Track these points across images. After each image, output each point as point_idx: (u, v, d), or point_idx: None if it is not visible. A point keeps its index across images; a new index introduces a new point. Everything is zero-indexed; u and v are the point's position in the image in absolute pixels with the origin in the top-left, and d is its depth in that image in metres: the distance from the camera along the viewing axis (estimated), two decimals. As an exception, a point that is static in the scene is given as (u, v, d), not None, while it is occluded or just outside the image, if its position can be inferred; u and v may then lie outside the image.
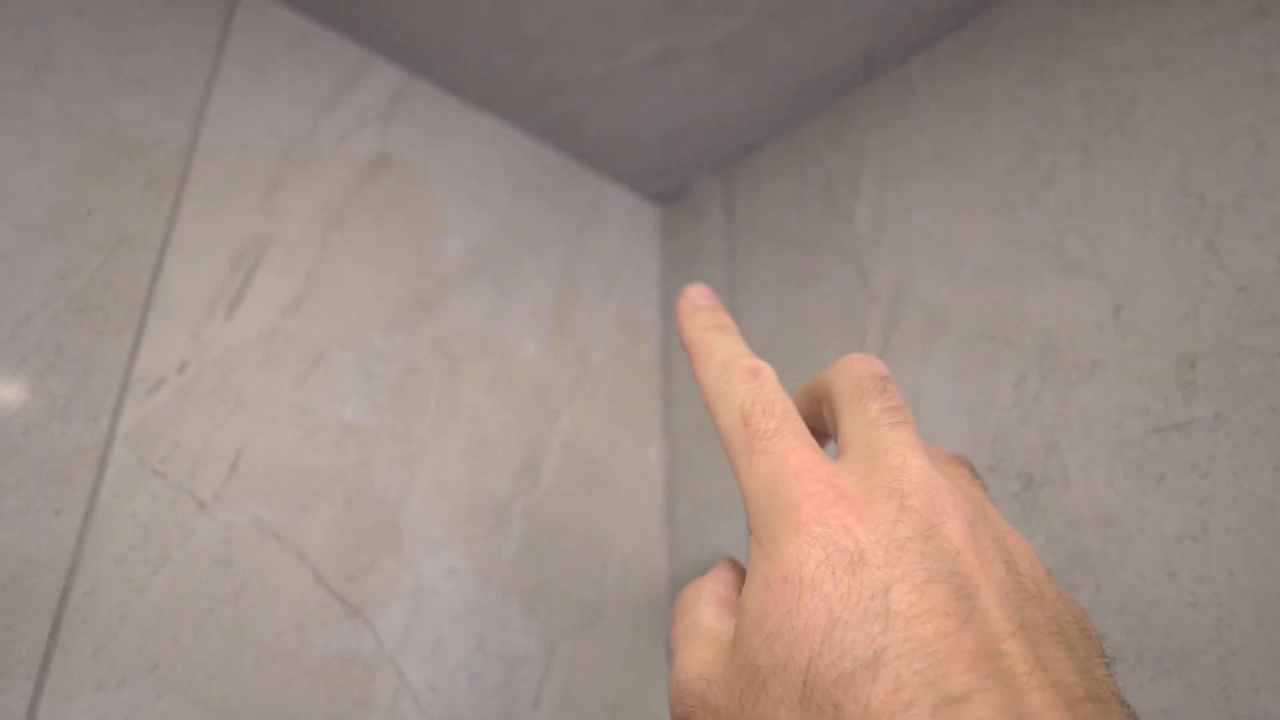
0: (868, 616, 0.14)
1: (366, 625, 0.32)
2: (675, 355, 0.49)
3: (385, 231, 0.39)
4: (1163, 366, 0.28)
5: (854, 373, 0.19)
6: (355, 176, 0.39)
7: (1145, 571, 0.26)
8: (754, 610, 0.16)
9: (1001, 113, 0.37)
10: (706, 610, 0.19)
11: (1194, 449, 0.26)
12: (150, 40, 0.34)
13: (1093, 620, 0.27)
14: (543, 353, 0.44)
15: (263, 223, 0.35)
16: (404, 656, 0.33)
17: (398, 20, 0.40)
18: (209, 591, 0.29)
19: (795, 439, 0.17)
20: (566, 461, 0.42)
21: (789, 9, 0.39)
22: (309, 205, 0.37)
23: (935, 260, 0.37)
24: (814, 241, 0.43)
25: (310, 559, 0.32)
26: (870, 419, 0.18)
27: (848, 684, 0.13)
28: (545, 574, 0.39)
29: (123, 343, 0.30)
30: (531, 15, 0.40)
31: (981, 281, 0.35)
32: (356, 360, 0.36)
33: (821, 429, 0.22)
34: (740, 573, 0.21)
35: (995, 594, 0.14)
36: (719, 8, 0.39)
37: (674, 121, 0.47)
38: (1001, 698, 0.12)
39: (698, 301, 0.22)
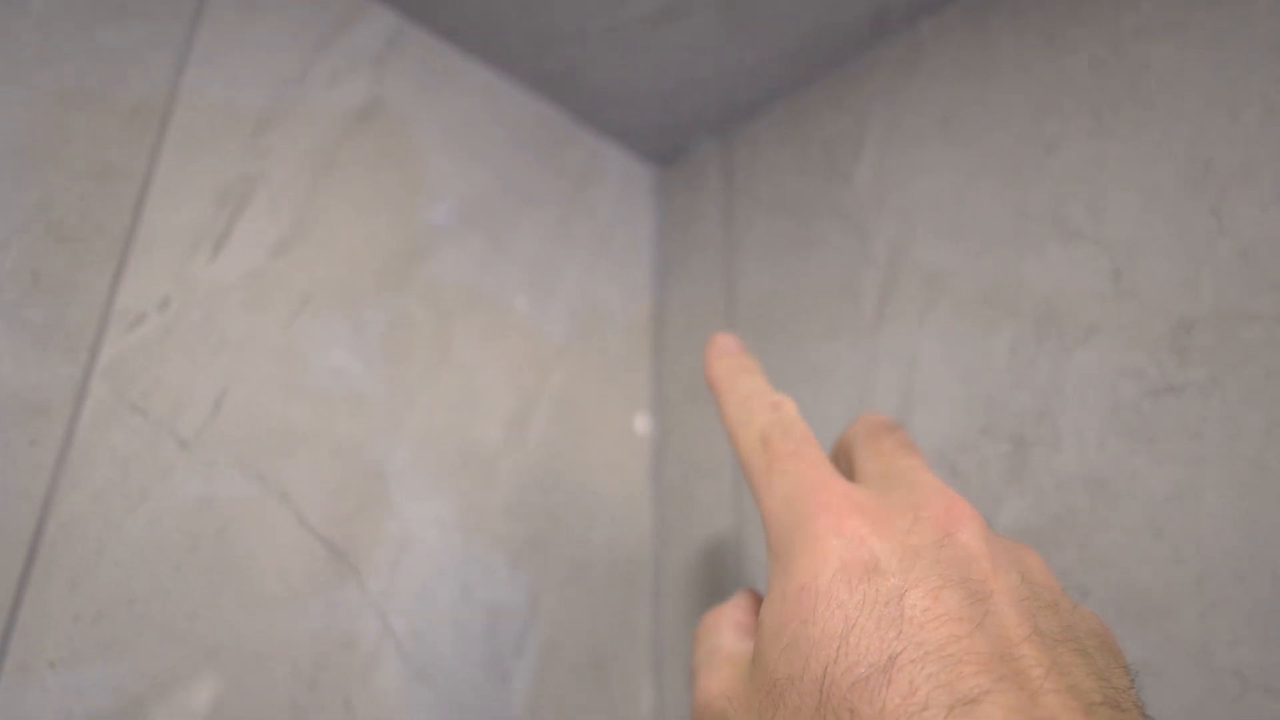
0: (883, 622, 0.14)
1: (351, 570, 0.32)
2: (667, 317, 0.49)
3: (377, 178, 0.38)
4: (1160, 331, 0.27)
5: (868, 423, 0.22)
6: (346, 121, 0.38)
7: (1132, 530, 0.26)
8: (772, 622, 0.16)
9: (1010, 79, 0.36)
10: (726, 634, 0.20)
11: (1187, 411, 0.26)
12: (135, -36, 0.33)
13: (1077, 578, 0.27)
14: (535, 309, 0.43)
15: (250, 162, 0.34)
16: (389, 602, 0.33)
17: (394, -42, 0.39)
18: (189, 530, 0.29)
19: (813, 459, 0.18)
20: (556, 417, 0.42)
21: (797, -38, 0.38)
22: (298, 147, 0.36)
23: (937, 226, 0.36)
24: (813, 205, 0.43)
25: (294, 502, 0.31)
26: (884, 450, 0.20)
27: (862, 689, 0.13)
28: (532, 527, 0.39)
29: (103, 275, 0.29)
30: (533, -42, 0.39)
31: (983, 248, 0.34)
32: (344, 307, 0.35)
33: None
34: (758, 600, 0.22)
35: (1009, 599, 0.15)
36: (726, -42, 0.38)
37: (675, 79, 0.46)
38: (1015, 700, 0.12)
39: (725, 347, 0.25)
